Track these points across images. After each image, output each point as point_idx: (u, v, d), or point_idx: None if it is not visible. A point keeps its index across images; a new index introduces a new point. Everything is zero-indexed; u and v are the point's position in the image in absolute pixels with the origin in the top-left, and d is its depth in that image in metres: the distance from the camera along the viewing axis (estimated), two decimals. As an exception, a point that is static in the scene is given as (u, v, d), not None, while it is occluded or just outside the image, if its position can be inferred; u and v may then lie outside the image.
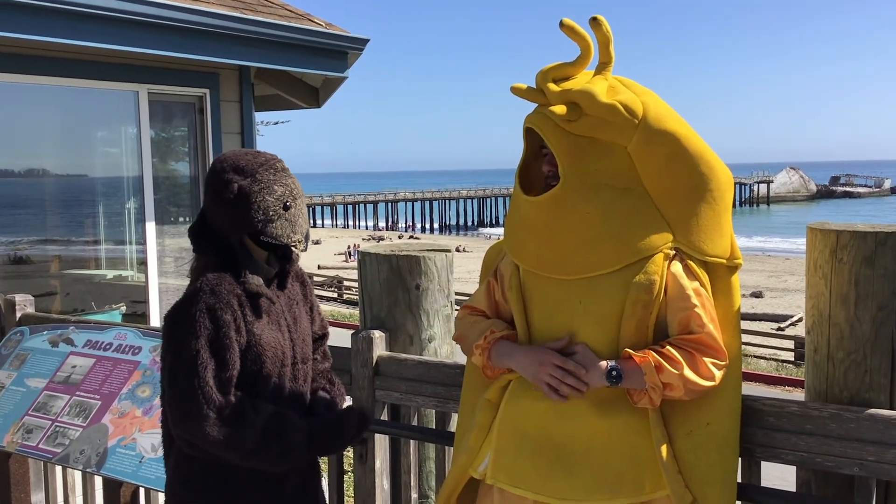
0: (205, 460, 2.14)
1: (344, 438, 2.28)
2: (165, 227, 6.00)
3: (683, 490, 2.01)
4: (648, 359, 1.99)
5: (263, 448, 2.08)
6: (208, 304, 2.08)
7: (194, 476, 2.18)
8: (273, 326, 2.21)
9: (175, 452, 2.22)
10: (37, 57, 5.06)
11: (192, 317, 2.07)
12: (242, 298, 2.14)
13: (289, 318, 2.29)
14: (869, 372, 2.10)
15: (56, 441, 3.16)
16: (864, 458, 2.02)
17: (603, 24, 1.98)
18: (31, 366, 3.52)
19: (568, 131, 2.04)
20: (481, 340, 2.22)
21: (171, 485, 2.24)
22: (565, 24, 1.99)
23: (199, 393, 2.03)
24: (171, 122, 6.25)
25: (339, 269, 35.90)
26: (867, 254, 2.08)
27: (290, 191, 2.20)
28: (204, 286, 2.11)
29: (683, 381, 1.97)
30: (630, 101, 2.02)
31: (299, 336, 2.31)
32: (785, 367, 16.85)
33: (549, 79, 2.06)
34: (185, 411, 2.04)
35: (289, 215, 2.19)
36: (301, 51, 5.84)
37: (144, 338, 3.39)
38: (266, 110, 8.38)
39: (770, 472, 2.26)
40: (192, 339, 2.05)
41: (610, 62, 2.07)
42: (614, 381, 2.00)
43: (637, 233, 2.03)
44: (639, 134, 2.02)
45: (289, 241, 2.20)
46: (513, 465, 2.12)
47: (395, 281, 2.89)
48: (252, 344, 2.14)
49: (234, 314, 2.10)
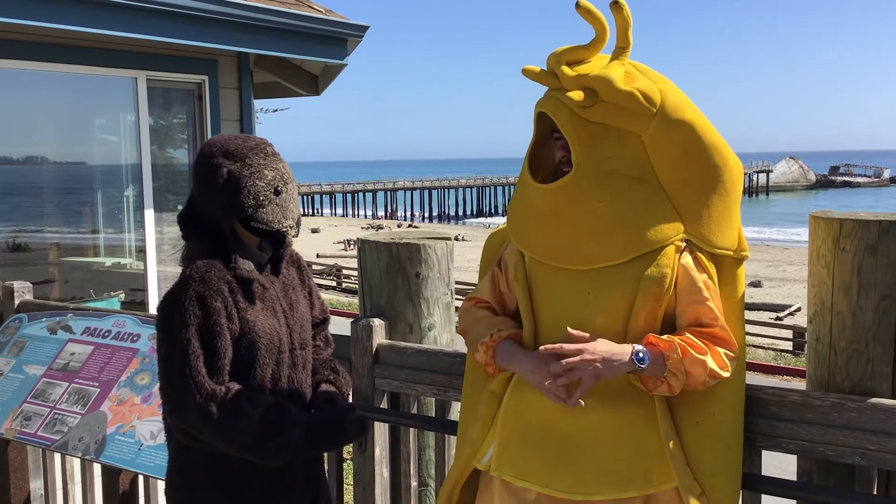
0: (202, 450, 2.12)
1: (344, 435, 2.23)
2: (164, 215, 5.99)
3: (692, 481, 1.99)
4: (674, 343, 1.95)
5: (259, 442, 2.05)
6: (198, 291, 2.06)
7: (192, 465, 2.16)
8: (268, 312, 2.18)
9: (175, 441, 2.21)
10: (34, 43, 5.04)
11: (181, 305, 2.05)
12: (233, 285, 2.11)
13: (284, 304, 2.26)
14: (871, 361, 2.10)
15: (55, 428, 3.16)
16: (866, 448, 2.01)
17: (624, 7, 1.92)
18: (30, 353, 3.51)
19: (583, 118, 1.99)
20: (487, 338, 2.16)
21: (170, 473, 2.23)
22: (582, 5, 1.93)
23: (190, 382, 2.00)
24: (169, 110, 6.22)
25: (337, 258, 35.87)
26: (870, 242, 2.07)
27: (280, 175, 2.16)
28: (193, 274, 2.08)
29: (706, 369, 1.94)
30: (648, 89, 1.97)
31: (296, 322, 2.28)
32: (783, 356, 16.88)
33: (563, 62, 1.99)
34: (178, 401, 2.03)
35: (280, 200, 2.15)
36: (300, 38, 5.81)
37: (143, 325, 3.38)
38: (265, 98, 8.35)
39: (769, 462, 2.26)
40: (183, 328, 2.03)
41: (628, 47, 2.01)
42: (639, 365, 1.94)
43: (649, 223, 2.00)
44: (656, 123, 1.98)
45: (280, 227, 2.16)
46: (518, 457, 2.10)
47: (395, 269, 2.88)
48: (246, 331, 2.11)
49: (224, 301, 2.07)
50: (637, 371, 1.96)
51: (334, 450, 2.16)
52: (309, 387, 2.35)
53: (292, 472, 2.24)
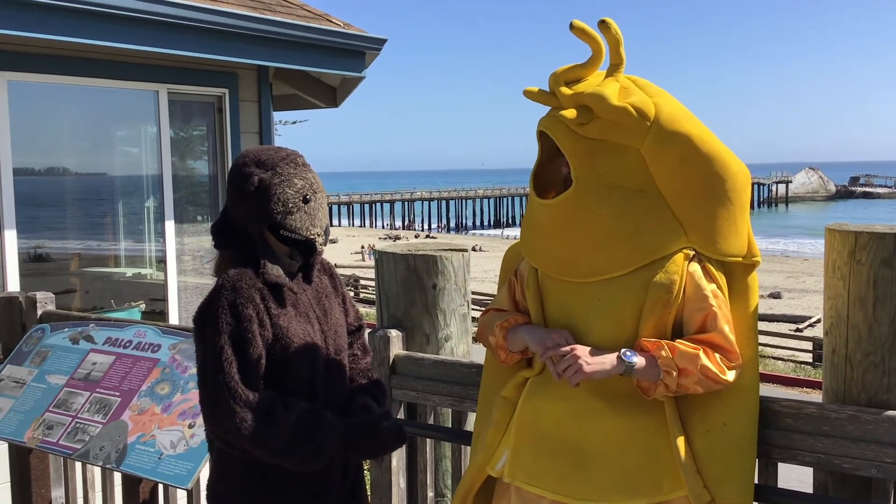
0: (244, 458, 2.14)
1: (381, 441, 2.23)
2: (184, 226, 6.04)
3: (702, 489, 2.00)
4: (661, 343, 2.00)
5: (293, 447, 2.07)
6: (229, 300, 2.09)
7: (233, 473, 2.18)
8: (301, 318, 2.21)
9: (217, 449, 2.23)
10: (59, 57, 5.11)
11: (214, 314, 2.09)
12: (265, 291, 2.14)
13: (318, 311, 2.28)
14: (887, 374, 2.10)
15: (76, 437, 3.20)
16: (882, 461, 2.01)
17: (612, 26, 1.98)
18: (52, 363, 3.56)
19: (580, 134, 2.04)
20: (503, 320, 2.24)
21: (211, 481, 2.26)
22: (576, 26, 1.99)
23: (224, 389, 2.03)
24: (190, 122, 6.29)
25: (355, 268, 35.97)
26: (886, 255, 2.07)
27: (310, 184, 2.20)
28: (225, 283, 2.13)
29: (698, 366, 1.97)
30: (642, 104, 2.01)
31: (330, 328, 2.30)
32: (803, 368, 16.75)
33: (562, 82, 2.05)
34: (214, 408, 2.05)
35: (308, 208, 2.19)
36: (319, 51, 5.86)
37: (164, 336, 3.42)
38: (284, 110, 8.42)
39: (787, 474, 2.26)
40: (216, 336, 2.07)
41: (621, 64, 2.07)
42: (628, 362, 1.98)
43: (651, 233, 2.03)
44: (651, 136, 2.02)
45: (308, 235, 2.20)
46: (531, 464, 2.12)
47: (412, 280, 2.91)
48: (279, 336, 2.14)
49: (256, 308, 2.11)
50: (630, 370, 1.99)
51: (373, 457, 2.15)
52: (345, 394, 2.35)
53: (330, 480, 2.24)
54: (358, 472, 2.39)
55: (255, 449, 2.07)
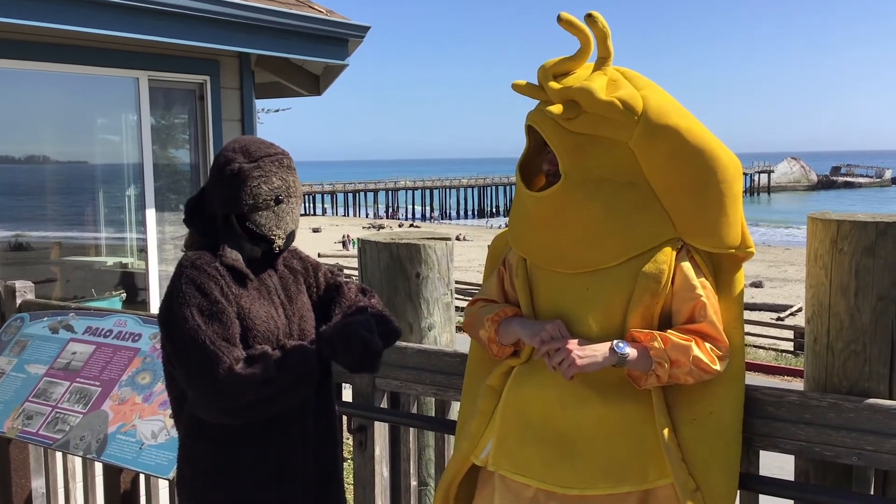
0: (211, 438, 2.15)
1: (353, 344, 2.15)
2: (165, 214, 6.00)
3: (686, 477, 2.01)
4: (654, 333, 2.00)
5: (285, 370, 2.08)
6: (191, 276, 2.11)
7: (199, 456, 2.19)
8: (265, 301, 2.22)
9: (182, 432, 2.23)
10: (37, 43, 5.05)
11: (179, 290, 2.10)
12: (223, 271, 2.15)
13: (283, 296, 2.28)
14: (868, 362, 2.11)
15: (56, 427, 3.17)
16: (863, 448, 2.02)
17: (598, 19, 1.97)
18: (32, 352, 3.52)
19: (568, 129, 2.03)
20: (492, 314, 2.23)
21: (179, 463, 2.26)
22: (563, 18, 1.98)
23: (209, 352, 2.03)
24: (171, 110, 6.23)
25: (338, 258, 35.92)
26: (867, 244, 2.08)
27: (287, 187, 2.20)
28: (185, 262, 2.15)
29: (690, 357, 1.97)
30: (629, 97, 2.00)
31: (295, 313, 2.30)
32: (784, 356, 16.89)
33: (550, 76, 2.04)
34: (205, 374, 2.03)
35: (278, 210, 2.19)
36: (301, 38, 5.82)
37: (144, 325, 3.39)
38: (267, 98, 8.37)
39: (769, 462, 2.27)
40: (185, 309, 2.07)
41: (609, 57, 2.06)
42: (620, 353, 1.98)
43: (641, 226, 2.03)
44: (639, 130, 2.01)
45: (269, 234, 2.20)
46: (516, 452, 2.12)
47: (394, 269, 2.89)
48: (242, 317, 2.14)
49: (218, 283, 2.12)
50: (623, 361, 1.99)
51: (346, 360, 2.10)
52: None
53: (298, 459, 2.24)
54: (334, 460, 2.38)
55: (256, 391, 2.05)
